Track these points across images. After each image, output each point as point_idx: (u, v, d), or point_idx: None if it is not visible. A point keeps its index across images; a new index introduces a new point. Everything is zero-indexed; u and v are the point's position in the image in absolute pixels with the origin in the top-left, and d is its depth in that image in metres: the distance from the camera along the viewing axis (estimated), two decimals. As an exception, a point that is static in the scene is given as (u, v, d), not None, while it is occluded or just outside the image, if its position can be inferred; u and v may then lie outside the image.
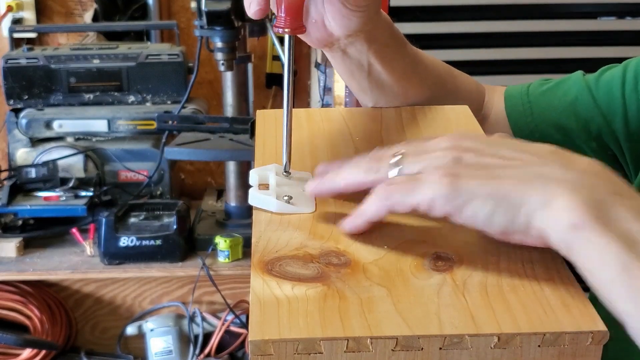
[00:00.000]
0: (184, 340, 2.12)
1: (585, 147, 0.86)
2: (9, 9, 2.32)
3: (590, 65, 0.92)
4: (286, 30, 0.67)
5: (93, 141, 2.17)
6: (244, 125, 1.96)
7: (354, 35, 0.74)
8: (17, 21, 2.35)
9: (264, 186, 0.66)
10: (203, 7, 1.82)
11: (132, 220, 2.05)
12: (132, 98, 2.16)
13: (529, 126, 0.89)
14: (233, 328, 2.10)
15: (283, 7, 0.66)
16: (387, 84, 0.80)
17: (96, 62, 2.14)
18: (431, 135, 0.74)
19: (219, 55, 1.92)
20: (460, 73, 0.91)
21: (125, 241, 1.98)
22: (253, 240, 0.59)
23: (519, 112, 0.90)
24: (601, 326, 0.49)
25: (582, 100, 0.86)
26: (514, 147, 0.56)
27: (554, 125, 0.88)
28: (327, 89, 2.29)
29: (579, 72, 0.90)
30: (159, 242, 1.99)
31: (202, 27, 1.89)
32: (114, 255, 1.99)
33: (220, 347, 2.10)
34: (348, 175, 0.60)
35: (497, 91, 0.94)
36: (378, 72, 0.79)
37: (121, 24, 2.40)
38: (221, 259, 2.01)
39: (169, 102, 2.16)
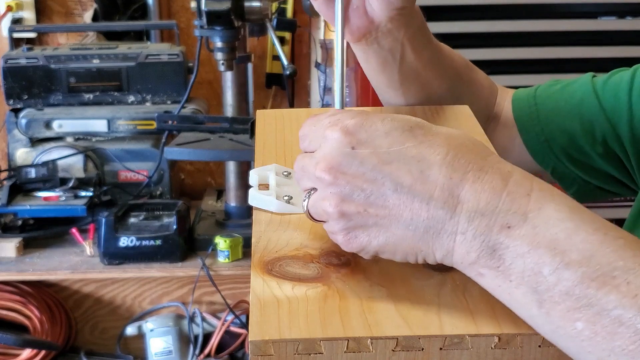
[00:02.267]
0: (184, 340, 2.12)
1: (591, 151, 0.86)
2: (9, 8, 2.32)
3: (590, 65, 0.92)
4: None
5: (93, 141, 2.17)
6: (244, 125, 1.96)
7: (395, 18, 0.74)
8: (16, 21, 2.35)
9: (264, 186, 0.65)
10: (203, 7, 1.82)
11: (132, 220, 2.05)
12: (132, 98, 2.16)
13: (535, 129, 0.88)
14: (233, 328, 2.09)
15: None
16: (415, 74, 0.80)
17: (96, 62, 2.14)
18: None
19: (219, 55, 1.92)
20: (474, 67, 0.91)
21: (125, 241, 1.98)
22: (253, 240, 0.59)
23: (526, 114, 0.89)
24: (602, 326, 0.49)
25: (587, 104, 0.85)
26: (378, 168, 0.53)
27: (559, 129, 0.87)
28: (327, 89, 2.29)
29: (589, 74, 0.89)
30: (158, 242, 1.99)
31: (202, 27, 1.89)
32: (114, 255, 1.99)
33: (220, 347, 2.10)
34: None
35: (507, 93, 0.93)
36: (409, 62, 0.79)
37: (121, 24, 2.40)
38: (221, 259, 2.01)
39: (169, 102, 2.16)
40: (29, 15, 2.37)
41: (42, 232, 2.09)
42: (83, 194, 2.08)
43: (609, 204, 2.08)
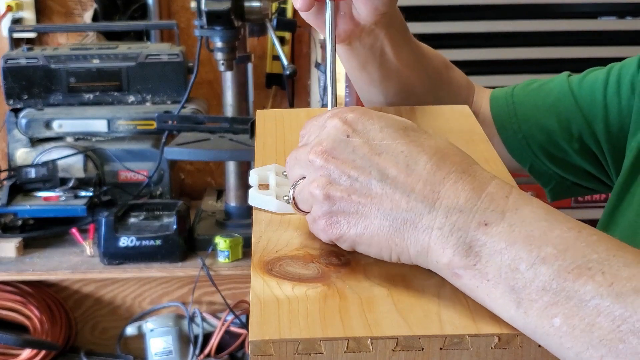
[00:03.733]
0: (184, 340, 2.12)
1: (568, 148, 0.88)
2: (9, 8, 2.32)
3: (590, 65, 0.93)
4: None
5: (93, 141, 2.17)
6: (244, 125, 1.96)
7: (379, 20, 0.76)
8: (16, 21, 2.35)
9: (264, 186, 0.65)
10: (203, 7, 1.82)
11: (132, 220, 2.05)
12: (132, 98, 2.16)
13: (512, 127, 0.90)
14: (233, 328, 2.09)
15: None
16: (396, 73, 0.83)
17: (96, 62, 2.14)
18: None
19: (219, 55, 1.92)
20: (452, 66, 0.93)
21: (125, 241, 1.98)
22: (253, 240, 0.59)
23: (504, 112, 0.91)
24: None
25: (564, 102, 0.88)
26: (369, 161, 0.55)
27: (537, 126, 0.89)
28: (327, 89, 2.29)
29: (565, 73, 0.92)
30: (158, 242, 1.99)
31: (202, 27, 1.89)
32: (114, 255, 1.99)
33: (220, 348, 2.10)
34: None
35: (485, 92, 0.95)
36: (389, 59, 0.81)
37: (121, 24, 2.40)
38: (221, 259, 2.01)
39: (169, 102, 2.16)
40: (29, 15, 2.37)
41: (42, 232, 2.09)
42: (83, 194, 2.08)
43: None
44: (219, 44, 1.90)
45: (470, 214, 0.51)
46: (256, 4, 1.90)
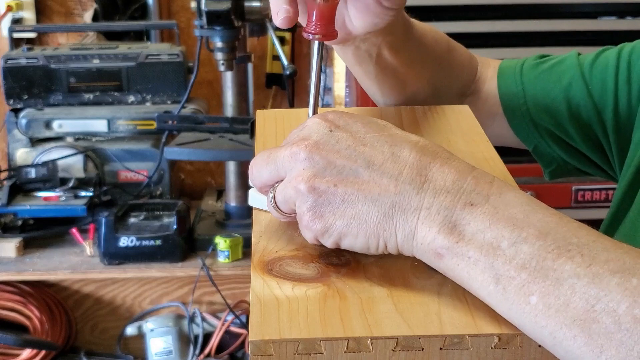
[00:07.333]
0: (184, 340, 2.12)
1: (575, 135, 0.86)
2: (9, 9, 2.32)
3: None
4: (317, 36, 0.66)
5: (93, 141, 2.17)
6: (244, 125, 1.96)
7: (372, 32, 0.74)
8: (16, 21, 2.35)
9: (264, 186, 0.65)
10: (203, 7, 1.82)
11: (132, 220, 2.05)
12: (132, 98, 2.16)
13: (520, 109, 0.89)
14: (233, 328, 2.09)
15: (315, 13, 0.65)
16: (392, 70, 0.82)
17: (96, 62, 2.14)
18: (430, 135, 0.74)
19: (219, 55, 1.92)
20: (455, 46, 0.91)
21: (125, 241, 1.98)
22: (253, 240, 0.59)
23: (512, 94, 0.89)
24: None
25: (575, 88, 0.86)
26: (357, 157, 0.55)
27: (546, 111, 0.87)
28: (327, 89, 2.29)
29: (574, 54, 0.90)
30: (159, 242, 1.99)
31: (202, 27, 1.89)
32: (114, 256, 1.99)
33: (220, 348, 2.10)
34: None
35: (490, 66, 0.93)
36: (386, 61, 0.80)
37: (121, 24, 2.40)
38: (221, 259, 2.01)
39: (169, 102, 2.16)
40: (29, 15, 2.37)
41: (42, 232, 2.09)
42: (83, 194, 2.08)
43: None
44: (219, 44, 1.90)
45: (457, 195, 0.52)
46: (256, 4, 1.90)
